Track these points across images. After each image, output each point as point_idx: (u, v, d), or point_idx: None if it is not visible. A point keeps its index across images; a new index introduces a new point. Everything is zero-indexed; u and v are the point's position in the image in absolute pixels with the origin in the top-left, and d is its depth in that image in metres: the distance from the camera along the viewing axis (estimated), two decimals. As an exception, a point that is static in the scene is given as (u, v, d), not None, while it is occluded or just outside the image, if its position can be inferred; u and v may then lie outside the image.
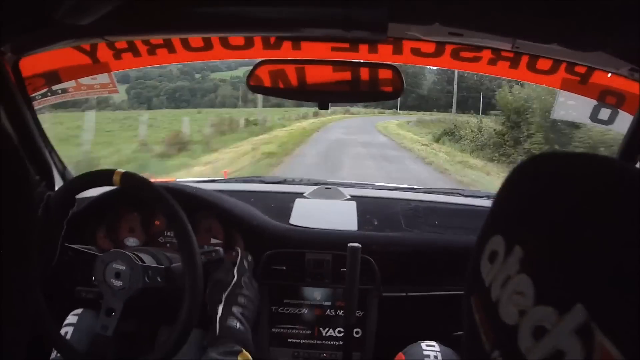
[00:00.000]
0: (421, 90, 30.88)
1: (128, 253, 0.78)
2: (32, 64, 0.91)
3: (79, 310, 0.90)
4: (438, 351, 0.70)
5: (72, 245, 0.88)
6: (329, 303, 1.02)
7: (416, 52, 0.90)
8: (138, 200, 0.75)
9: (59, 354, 0.81)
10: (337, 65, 0.82)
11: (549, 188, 0.27)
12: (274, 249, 1.00)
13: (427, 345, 0.71)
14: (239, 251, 0.87)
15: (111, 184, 0.79)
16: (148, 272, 0.78)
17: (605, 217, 0.23)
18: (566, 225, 0.24)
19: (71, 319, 0.89)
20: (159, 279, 0.79)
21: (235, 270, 0.84)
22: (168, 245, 1.02)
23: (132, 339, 0.91)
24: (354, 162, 8.43)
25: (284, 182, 1.33)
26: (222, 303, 0.79)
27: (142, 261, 0.80)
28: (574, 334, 0.21)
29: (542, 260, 0.25)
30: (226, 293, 0.80)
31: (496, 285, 0.27)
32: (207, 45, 0.92)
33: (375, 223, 1.10)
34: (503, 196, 0.31)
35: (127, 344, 0.90)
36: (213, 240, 1.04)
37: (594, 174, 0.25)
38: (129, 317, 0.80)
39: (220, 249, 0.98)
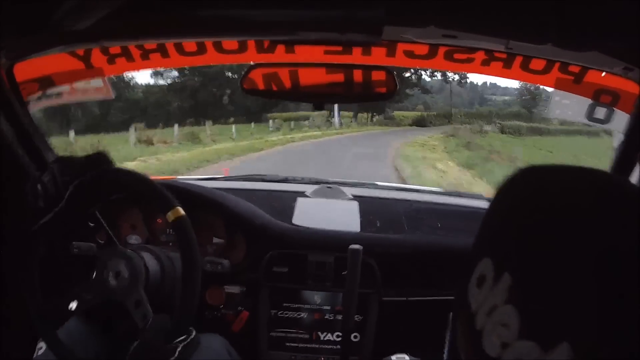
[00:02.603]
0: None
1: (138, 264, 0.77)
2: (26, 69, 0.91)
3: None
4: None
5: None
6: (329, 307, 1.02)
7: (409, 54, 0.90)
8: (141, 197, 0.74)
9: (40, 351, 0.81)
10: (331, 67, 0.82)
11: (539, 208, 0.25)
12: (276, 249, 1.00)
13: (397, 358, 0.72)
14: (193, 331, 0.75)
15: (163, 212, 0.74)
16: (140, 303, 0.75)
17: (599, 248, 0.21)
18: (556, 253, 0.23)
19: None
20: (141, 319, 0.75)
21: (179, 348, 0.68)
22: (170, 244, 1.02)
23: (128, 335, 0.91)
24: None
25: (285, 180, 1.33)
26: None
27: (146, 267, 0.79)
28: None
29: (529, 291, 0.24)
30: None
31: (482, 313, 0.26)
32: (201, 50, 0.92)
33: (378, 224, 1.09)
34: (492, 213, 0.30)
35: (125, 345, 0.90)
36: (215, 240, 1.04)
37: (589, 193, 0.24)
38: (127, 317, 0.80)
39: (226, 262, 0.97)
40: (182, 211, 0.74)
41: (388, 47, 0.89)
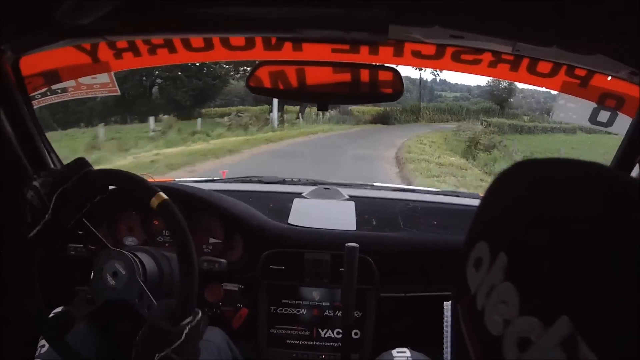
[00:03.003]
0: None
1: (133, 260, 0.78)
2: (32, 63, 0.90)
3: (59, 309, 0.90)
4: (409, 356, 0.71)
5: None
6: (328, 303, 1.02)
7: (417, 54, 0.90)
8: (137, 199, 0.74)
9: (43, 350, 0.81)
10: (337, 66, 0.82)
11: (533, 194, 0.26)
12: (272, 249, 1.00)
13: (398, 352, 0.72)
14: (199, 312, 0.73)
15: (147, 201, 0.73)
16: (143, 294, 0.76)
17: (591, 227, 0.22)
18: (550, 233, 0.24)
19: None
20: (146, 310, 0.75)
21: (186, 330, 0.67)
22: (167, 244, 1.02)
23: (129, 339, 0.92)
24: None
25: (282, 182, 1.34)
26: None
27: (142, 263, 0.79)
28: (559, 347, 0.21)
29: (526, 269, 0.24)
30: (161, 355, 0.63)
31: (481, 294, 0.27)
32: (208, 46, 0.92)
33: (374, 223, 1.10)
34: (487, 201, 0.31)
35: (125, 344, 0.90)
36: (212, 240, 1.04)
37: (580, 181, 0.25)
38: (126, 317, 0.80)
39: (224, 261, 0.97)
40: (164, 195, 0.74)
41: (395, 46, 0.89)
